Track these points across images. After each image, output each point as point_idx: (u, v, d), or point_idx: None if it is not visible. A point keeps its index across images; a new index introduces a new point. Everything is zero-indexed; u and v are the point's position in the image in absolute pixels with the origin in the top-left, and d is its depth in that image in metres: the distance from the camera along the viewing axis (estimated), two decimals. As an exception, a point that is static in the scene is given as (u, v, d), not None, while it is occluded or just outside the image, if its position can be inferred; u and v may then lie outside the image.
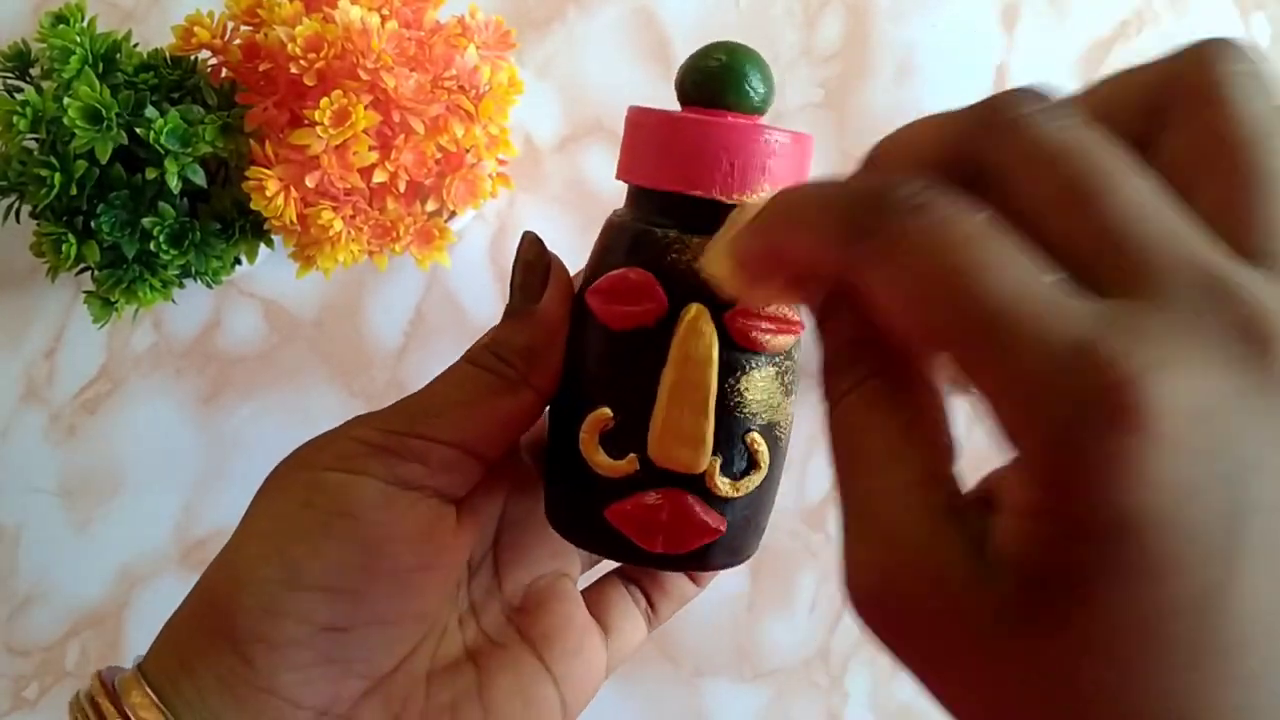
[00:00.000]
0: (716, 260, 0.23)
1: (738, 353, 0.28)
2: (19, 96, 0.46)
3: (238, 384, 0.57)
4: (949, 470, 0.19)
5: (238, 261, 0.51)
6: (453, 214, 0.52)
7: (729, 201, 0.28)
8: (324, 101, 0.44)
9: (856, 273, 0.18)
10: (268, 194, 0.45)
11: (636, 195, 0.30)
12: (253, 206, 0.46)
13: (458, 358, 0.31)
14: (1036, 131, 0.18)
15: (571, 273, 0.31)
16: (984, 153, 0.18)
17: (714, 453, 0.28)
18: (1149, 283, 0.16)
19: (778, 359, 0.29)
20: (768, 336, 0.28)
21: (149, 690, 0.27)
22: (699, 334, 0.28)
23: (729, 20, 0.59)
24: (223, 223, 0.49)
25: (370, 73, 0.44)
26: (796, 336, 0.29)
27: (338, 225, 0.46)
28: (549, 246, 0.31)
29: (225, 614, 0.27)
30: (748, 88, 0.29)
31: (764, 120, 0.30)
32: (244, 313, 0.58)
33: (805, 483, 0.57)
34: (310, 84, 0.45)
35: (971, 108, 0.19)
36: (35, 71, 0.49)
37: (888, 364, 0.20)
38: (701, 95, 0.29)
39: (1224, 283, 0.16)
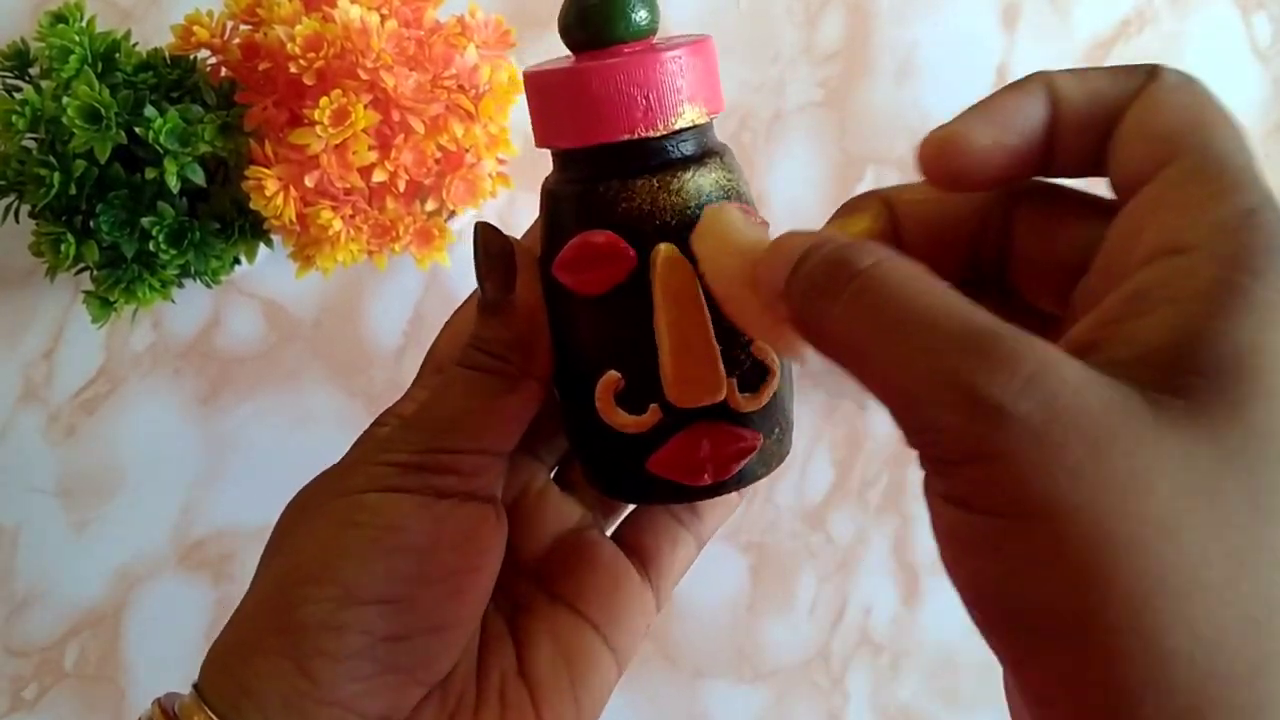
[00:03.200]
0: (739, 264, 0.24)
1: None
2: (18, 96, 0.46)
3: (237, 384, 0.57)
4: None
5: (237, 261, 0.51)
6: (452, 214, 0.52)
7: (657, 135, 0.28)
8: (323, 101, 0.44)
9: None
10: (267, 193, 0.45)
11: (564, 158, 0.30)
12: (252, 206, 0.46)
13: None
14: None
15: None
16: None
17: (727, 375, 0.28)
18: None
19: None
20: None
21: (211, 715, 0.27)
22: (678, 270, 0.28)
23: (729, 20, 0.59)
24: (222, 222, 0.49)
25: (370, 72, 0.44)
26: None
27: (337, 225, 0.46)
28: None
29: (283, 633, 0.27)
30: (633, 15, 0.29)
31: (656, 39, 0.30)
32: (243, 313, 0.57)
33: (805, 483, 0.57)
34: (309, 83, 0.45)
35: None
36: (34, 71, 0.49)
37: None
38: (590, 36, 0.29)
39: None
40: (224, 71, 0.48)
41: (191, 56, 0.49)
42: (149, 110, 0.45)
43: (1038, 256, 0.24)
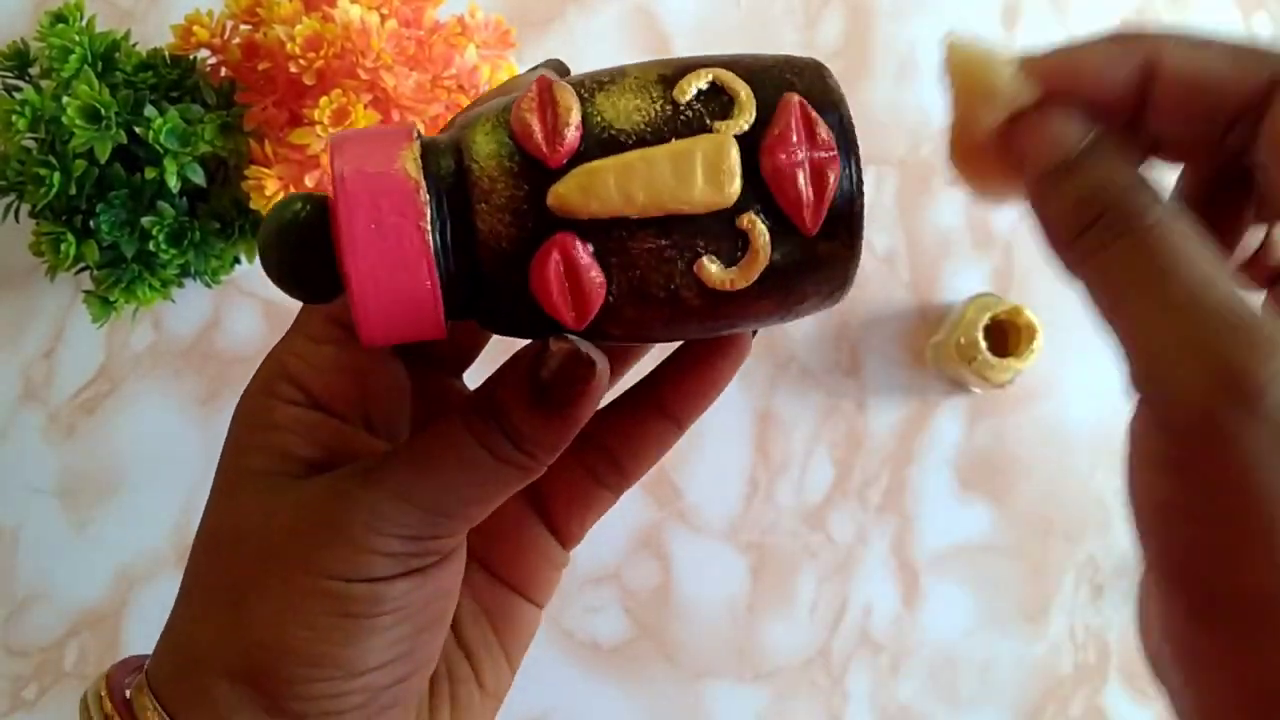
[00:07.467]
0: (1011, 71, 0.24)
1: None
2: (18, 95, 0.46)
3: (237, 384, 0.57)
4: None
5: (237, 261, 0.51)
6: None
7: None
8: (323, 100, 0.44)
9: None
10: (267, 193, 0.45)
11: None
12: (252, 206, 0.46)
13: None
14: None
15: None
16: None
17: None
18: None
19: None
20: None
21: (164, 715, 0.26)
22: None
23: (729, 20, 0.59)
24: (222, 222, 0.49)
25: (370, 72, 0.44)
26: None
27: (337, 225, 0.46)
28: None
29: (274, 695, 0.26)
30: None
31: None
32: (243, 312, 0.57)
33: (805, 483, 0.57)
34: (309, 83, 0.45)
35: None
36: (34, 71, 0.49)
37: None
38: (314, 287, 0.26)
39: None
40: (224, 71, 0.48)
41: (191, 56, 0.49)
42: (149, 110, 0.45)
43: None
